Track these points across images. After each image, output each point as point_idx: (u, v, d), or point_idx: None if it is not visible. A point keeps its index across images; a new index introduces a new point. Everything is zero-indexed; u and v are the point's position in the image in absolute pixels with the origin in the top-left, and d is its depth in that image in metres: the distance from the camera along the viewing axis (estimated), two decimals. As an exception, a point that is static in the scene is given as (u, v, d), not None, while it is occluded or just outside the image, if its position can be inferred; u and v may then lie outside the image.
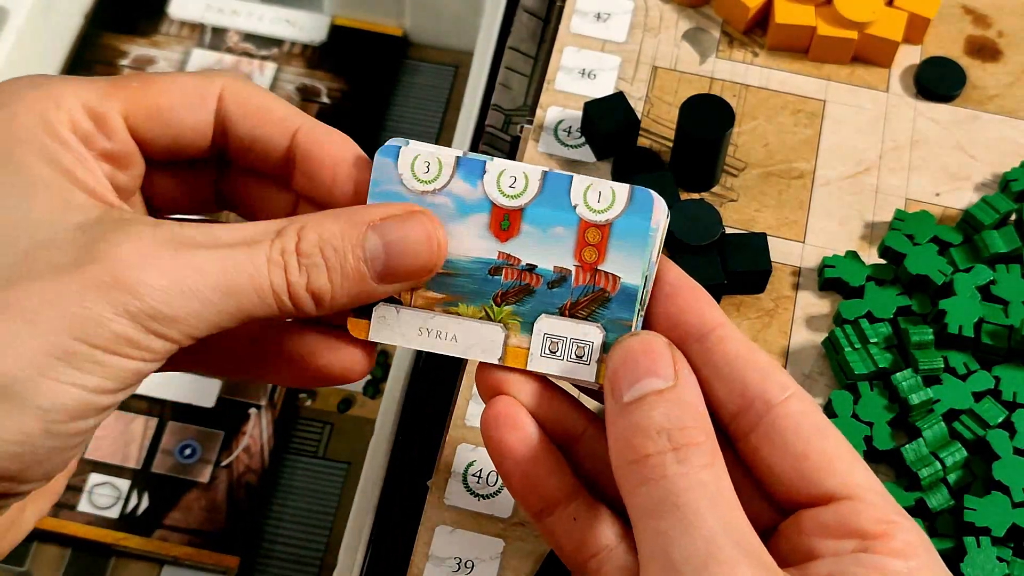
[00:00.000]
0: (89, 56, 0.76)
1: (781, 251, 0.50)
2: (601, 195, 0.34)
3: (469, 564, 0.43)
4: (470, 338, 0.35)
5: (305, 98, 0.75)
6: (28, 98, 0.32)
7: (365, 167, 0.35)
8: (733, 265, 0.47)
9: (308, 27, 0.78)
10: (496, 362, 0.35)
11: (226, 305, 0.31)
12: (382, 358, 0.69)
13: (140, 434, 0.67)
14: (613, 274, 0.34)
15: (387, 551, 0.45)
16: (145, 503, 0.65)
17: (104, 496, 0.65)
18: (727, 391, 0.33)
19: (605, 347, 0.34)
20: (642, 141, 0.53)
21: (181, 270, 0.30)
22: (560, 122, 0.53)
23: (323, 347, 0.36)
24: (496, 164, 0.34)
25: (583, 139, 0.52)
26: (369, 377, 0.69)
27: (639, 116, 0.53)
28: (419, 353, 0.52)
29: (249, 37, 0.77)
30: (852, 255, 0.49)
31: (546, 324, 0.35)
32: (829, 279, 0.48)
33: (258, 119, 0.35)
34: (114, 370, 0.30)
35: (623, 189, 0.34)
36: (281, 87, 0.76)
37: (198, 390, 0.68)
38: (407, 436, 0.48)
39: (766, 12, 0.55)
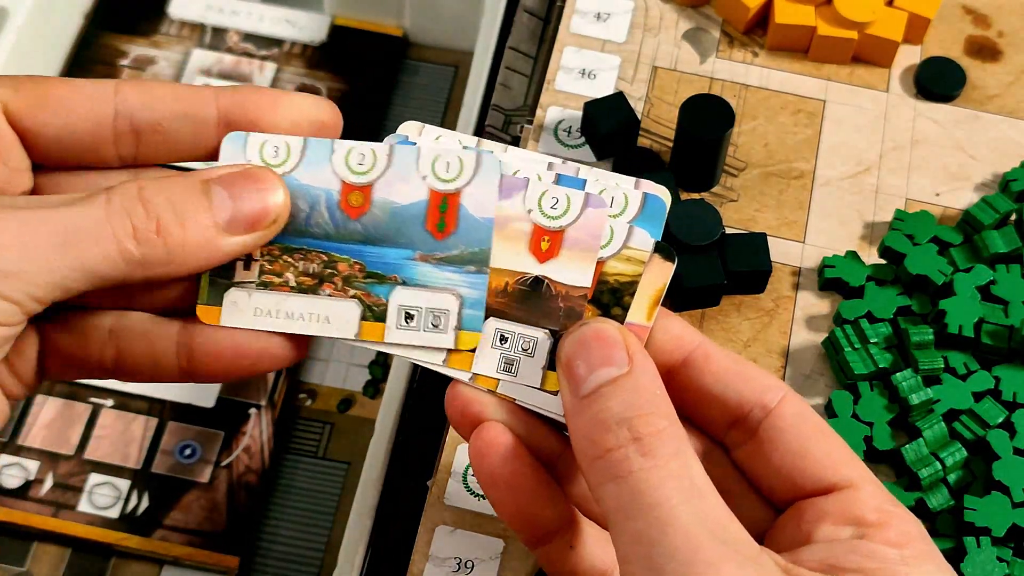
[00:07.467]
0: (89, 56, 0.76)
1: (781, 251, 0.50)
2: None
3: (469, 564, 0.43)
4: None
5: (305, 98, 0.75)
6: None
7: (333, 130, 0.34)
8: (733, 265, 0.47)
9: (308, 27, 0.78)
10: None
11: (66, 259, 0.29)
12: (382, 358, 0.69)
13: (140, 434, 0.67)
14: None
15: (387, 551, 0.45)
16: (145, 503, 0.65)
17: (104, 496, 0.65)
18: (721, 406, 0.33)
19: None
20: (642, 141, 0.53)
21: (13, 225, 0.29)
22: (560, 122, 0.53)
23: (250, 336, 0.34)
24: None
25: (583, 139, 0.52)
26: (369, 377, 0.69)
27: (639, 116, 0.53)
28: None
29: (249, 37, 0.77)
30: (852, 255, 0.49)
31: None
32: (829, 279, 0.48)
33: (171, 100, 0.33)
34: None
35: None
36: (281, 87, 0.76)
37: (198, 390, 0.68)
38: (407, 436, 0.48)
39: (766, 12, 0.55)
